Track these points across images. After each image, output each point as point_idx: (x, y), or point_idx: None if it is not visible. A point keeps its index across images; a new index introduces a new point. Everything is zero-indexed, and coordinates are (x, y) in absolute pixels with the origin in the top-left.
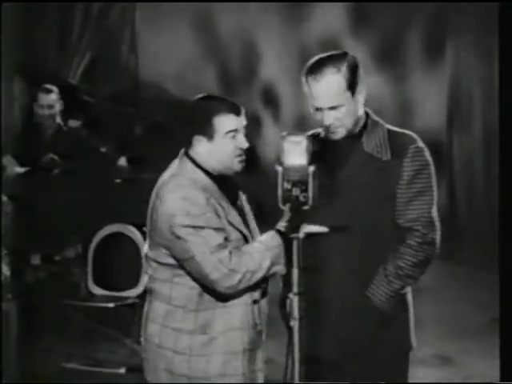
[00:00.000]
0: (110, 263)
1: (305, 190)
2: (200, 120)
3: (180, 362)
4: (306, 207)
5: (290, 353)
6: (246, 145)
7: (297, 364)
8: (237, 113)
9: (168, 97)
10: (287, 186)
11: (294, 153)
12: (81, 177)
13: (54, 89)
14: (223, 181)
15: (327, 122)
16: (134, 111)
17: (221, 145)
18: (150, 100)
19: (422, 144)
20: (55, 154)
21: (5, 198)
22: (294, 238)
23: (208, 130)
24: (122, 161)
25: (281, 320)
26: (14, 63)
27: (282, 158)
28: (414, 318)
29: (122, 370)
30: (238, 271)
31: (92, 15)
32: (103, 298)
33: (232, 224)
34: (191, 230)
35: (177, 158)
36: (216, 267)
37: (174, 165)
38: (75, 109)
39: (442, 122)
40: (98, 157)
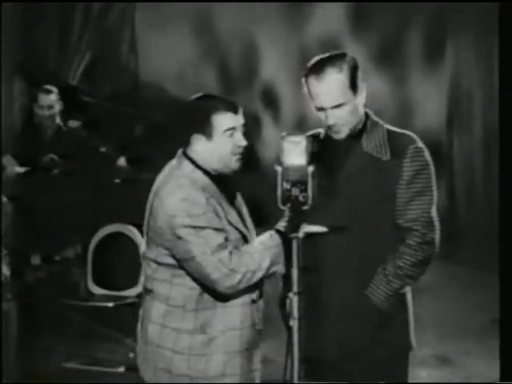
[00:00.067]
0: (110, 263)
1: (304, 190)
2: (198, 119)
3: (179, 361)
4: (305, 207)
5: (289, 352)
6: (244, 143)
7: (296, 364)
8: (234, 111)
9: (168, 97)
10: (287, 185)
11: (294, 153)
12: (81, 177)
13: (54, 89)
14: (221, 180)
15: (331, 122)
16: (133, 111)
17: (219, 143)
18: (150, 100)
19: (421, 144)
20: (55, 155)
21: (5, 198)
22: (293, 237)
23: (206, 129)
24: (122, 161)
25: (280, 320)
26: (14, 63)
27: (281, 158)
28: (413, 318)
29: (121, 369)
30: (239, 271)
31: (92, 15)
32: (103, 297)
33: (231, 224)
34: (192, 231)
35: (174, 157)
36: (216, 267)
37: (172, 165)
38: (75, 109)
39: (441, 122)
40: (98, 157)
